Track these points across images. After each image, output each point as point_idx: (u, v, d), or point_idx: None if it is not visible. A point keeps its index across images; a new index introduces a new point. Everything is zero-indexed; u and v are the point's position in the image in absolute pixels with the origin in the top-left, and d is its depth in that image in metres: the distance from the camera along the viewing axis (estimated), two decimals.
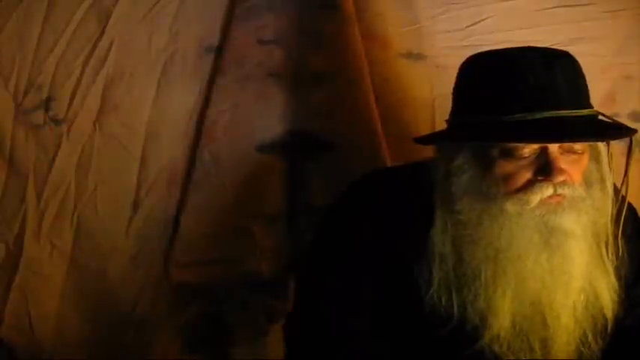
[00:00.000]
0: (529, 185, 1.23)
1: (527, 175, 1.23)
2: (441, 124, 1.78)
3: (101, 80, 1.79)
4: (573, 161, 1.24)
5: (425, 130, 1.79)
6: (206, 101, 1.79)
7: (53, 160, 1.79)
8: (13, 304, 1.79)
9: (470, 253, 1.27)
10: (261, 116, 1.78)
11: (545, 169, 1.22)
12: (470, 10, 1.78)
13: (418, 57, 1.80)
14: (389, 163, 1.75)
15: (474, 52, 1.76)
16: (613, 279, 1.31)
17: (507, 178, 1.24)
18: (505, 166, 1.24)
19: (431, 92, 1.79)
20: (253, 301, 1.80)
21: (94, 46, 1.79)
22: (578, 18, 1.76)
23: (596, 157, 1.29)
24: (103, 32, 1.79)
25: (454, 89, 1.35)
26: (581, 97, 1.26)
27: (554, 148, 1.22)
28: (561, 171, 1.22)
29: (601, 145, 1.29)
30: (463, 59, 1.77)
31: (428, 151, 1.77)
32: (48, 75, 1.78)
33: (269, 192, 1.78)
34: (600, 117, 1.28)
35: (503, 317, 1.25)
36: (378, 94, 1.78)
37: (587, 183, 1.27)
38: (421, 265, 1.29)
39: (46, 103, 1.78)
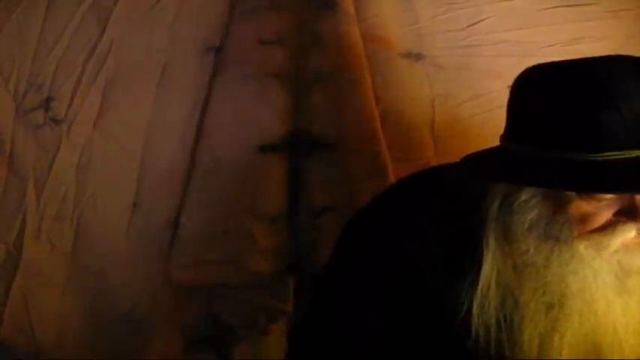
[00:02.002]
0: (609, 226, 1.08)
1: (606, 216, 1.08)
2: (440, 124, 1.79)
3: (101, 80, 1.79)
4: None
5: (425, 130, 1.79)
6: (206, 101, 1.79)
7: (53, 160, 1.79)
8: (13, 304, 1.79)
9: (527, 296, 1.13)
10: (261, 116, 1.78)
11: (630, 211, 1.07)
12: (470, 10, 1.78)
13: (418, 57, 1.80)
14: (389, 163, 1.75)
15: (474, 52, 1.78)
16: None
17: (584, 218, 1.09)
18: (582, 207, 1.08)
19: (431, 92, 1.79)
20: (253, 301, 1.80)
21: (94, 46, 1.79)
22: (578, 18, 1.76)
23: None
24: (103, 32, 1.79)
25: (513, 105, 1.15)
26: None
27: None
28: None
29: None
30: (463, 59, 1.79)
31: (429, 151, 1.79)
32: (48, 75, 1.78)
33: (269, 192, 1.78)
34: None
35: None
36: (378, 94, 1.77)
37: None
38: (453, 298, 1.15)
39: (46, 103, 1.79)
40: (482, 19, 1.78)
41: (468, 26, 1.78)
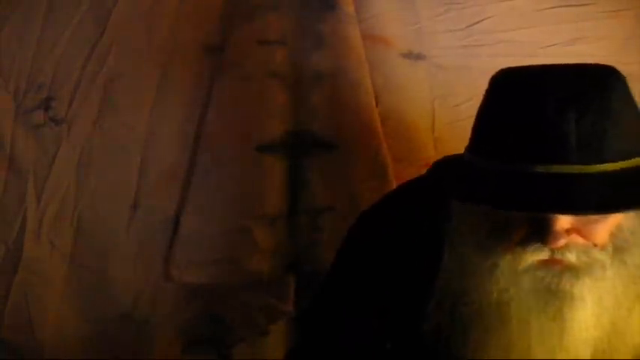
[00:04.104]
0: (523, 243, 1.04)
1: (522, 231, 1.04)
2: (440, 125, 1.79)
3: (101, 80, 1.79)
4: (592, 219, 1.02)
5: (425, 130, 1.80)
6: (206, 101, 1.79)
7: (53, 160, 1.79)
8: (13, 304, 1.79)
9: (466, 301, 1.10)
10: (261, 116, 1.78)
11: (539, 230, 1.01)
12: (470, 10, 1.78)
13: (418, 57, 1.80)
14: (389, 163, 1.75)
15: (474, 52, 1.78)
16: None
17: (503, 230, 1.05)
18: (499, 217, 1.05)
19: (431, 92, 1.79)
20: (253, 301, 1.80)
21: (94, 46, 1.79)
22: (578, 18, 1.76)
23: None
24: (102, 32, 1.79)
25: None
26: (608, 147, 1.00)
27: None
28: (559, 235, 1.01)
29: None
30: (463, 59, 1.79)
31: (429, 151, 1.79)
32: (48, 75, 1.78)
33: (269, 192, 1.78)
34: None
35: None
36: (378, 94, 1.78)
37: (622, 243, 1.05)
38: (423, 302, 1.15)
39: (46, 103, 1.79)
40: (483, 19, 1.78)
41: (468, 26, 1.78)
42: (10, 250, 1.80)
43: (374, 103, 1.77)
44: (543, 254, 1.03)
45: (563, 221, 1.01)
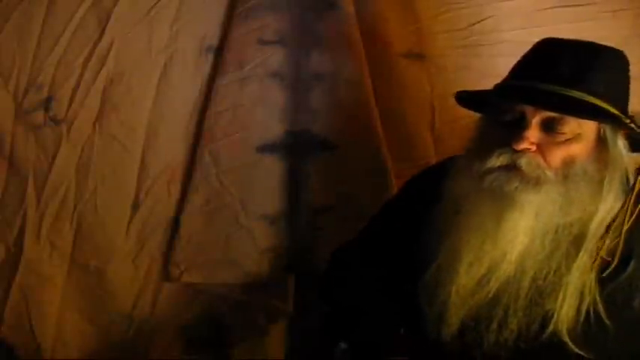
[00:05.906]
0: (497, 147, 1.22)
1: (501, 138, 1.22)
2: (440, 124, 1.80)
3: (101, 80, 1.79)
4: (557, 143, 1.21)
5: (425, 130, 1.80)
6: (206, 101, 1.79)
7: (53, 160, 1.79)
8: (13, 304, 1.79)
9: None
10: (261, 116, 1.78)
11: (512, 136, 1.20)
12: (470, 10, 1.78)
13: (418, 57, 1.80)
14: (389, 163, 1.75)
15: (474, 52, 1.79)
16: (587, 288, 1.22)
17: (490, 142, 1.24)
18: (494, 130, 1.26)
19: (431, 92, 1.79)
20: (253, 301, 1.80)
21: (94, 46, 1.79)
22: (578, 18, 1.76)
23: (598, 159, 1.22)
24: (103, 32, 1.79)
25: None
26: (587, 84, 1.21)
27: (531, 119, 1.20)
28: (524, 139, 1.19)
29: (617, 153, 1.22)
30: (463, 59, 1.79)
31: (429, 151, 1.79)
32: (48, 75, 1.78)
33: (269, 192, 1.78)
34: (608, 108, 1.21)
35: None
36: (378, 94, 1.78)
37: (571, 175, 1.21)
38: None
39: (46, 103, 1.79)
40: (483, 19, 1.78)
41: (468, 26, 1.78)
42: (10, 251, 1.80)
43: (374, 103, 1.77)
44: (506, 158, 1.21)
45: (533, 132, 1.20)
